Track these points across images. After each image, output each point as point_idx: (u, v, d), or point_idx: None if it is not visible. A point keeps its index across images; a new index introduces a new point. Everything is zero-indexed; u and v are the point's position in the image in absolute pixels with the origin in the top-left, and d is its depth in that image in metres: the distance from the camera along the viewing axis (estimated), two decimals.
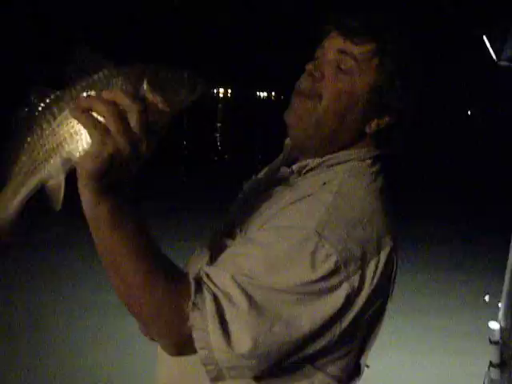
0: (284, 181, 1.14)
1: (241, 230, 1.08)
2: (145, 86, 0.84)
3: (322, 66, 1.11)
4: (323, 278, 0.92)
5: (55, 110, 0.85)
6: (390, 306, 1.10)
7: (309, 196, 1.04)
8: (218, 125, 27.38)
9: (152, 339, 0.98)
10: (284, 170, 1.17)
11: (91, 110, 0.81)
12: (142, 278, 0.88)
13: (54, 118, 0.85)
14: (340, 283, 0.94)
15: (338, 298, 0.93)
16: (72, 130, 0.84)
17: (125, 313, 0.94)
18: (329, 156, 1.11)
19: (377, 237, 1.00)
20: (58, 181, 0.88)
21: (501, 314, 2.41)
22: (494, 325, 2.39)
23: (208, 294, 0.89)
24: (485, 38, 2.39)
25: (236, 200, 1.31)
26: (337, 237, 0.95)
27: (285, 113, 1.15)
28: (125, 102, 0.81)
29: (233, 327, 0.88)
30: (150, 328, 0.94)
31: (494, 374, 2.38)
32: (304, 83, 1.12)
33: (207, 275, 0.92)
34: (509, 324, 2.35)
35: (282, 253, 0.93)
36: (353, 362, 1.08)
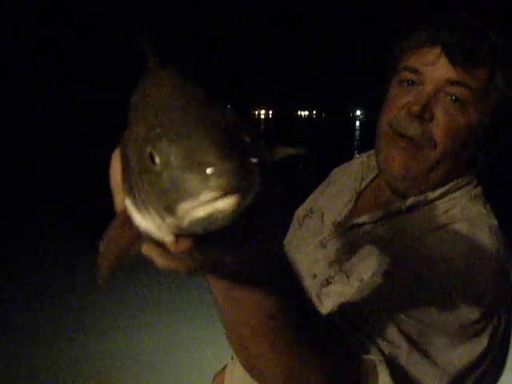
0: (393, 223, 1.03)
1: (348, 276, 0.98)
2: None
3: (429, 103, 0.97)
4: (481, 318, 0.84)
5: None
6: None
7: (435, 230, 0.96)
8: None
9: None
10: (392, 207, 1.04)
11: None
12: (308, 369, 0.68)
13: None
14: (491, 318, 0.86)
15: (486, 337, 0.85)
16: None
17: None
18: (442, 189, 1.02)
19: (506, 264, 0.93)
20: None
21: None
22: None
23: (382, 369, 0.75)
24: None
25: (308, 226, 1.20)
26: (487, 273, 0.88)
27: (379, 158, 1.04)
28: None
29: None
30: None
31: None
32: (411, 128, 0.97)
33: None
34: None
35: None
36: None
